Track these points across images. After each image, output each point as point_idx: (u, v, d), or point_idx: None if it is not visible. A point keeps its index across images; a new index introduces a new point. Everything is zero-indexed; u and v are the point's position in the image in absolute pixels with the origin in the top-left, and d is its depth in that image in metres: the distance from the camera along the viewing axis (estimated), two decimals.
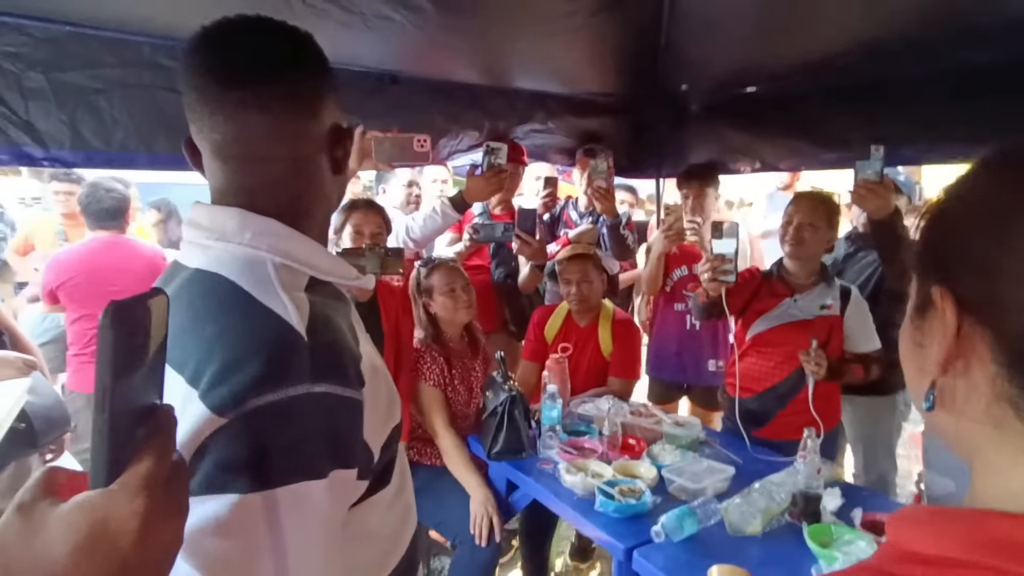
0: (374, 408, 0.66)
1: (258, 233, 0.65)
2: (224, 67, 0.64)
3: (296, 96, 0.67)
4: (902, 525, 0.44)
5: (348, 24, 1.79)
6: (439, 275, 2.22)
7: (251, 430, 0.55)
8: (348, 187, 3.17)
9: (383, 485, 0.72)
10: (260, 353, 0.58)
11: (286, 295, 0.62)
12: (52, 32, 1.67)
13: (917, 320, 0.45)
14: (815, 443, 1.60)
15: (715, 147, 2.91)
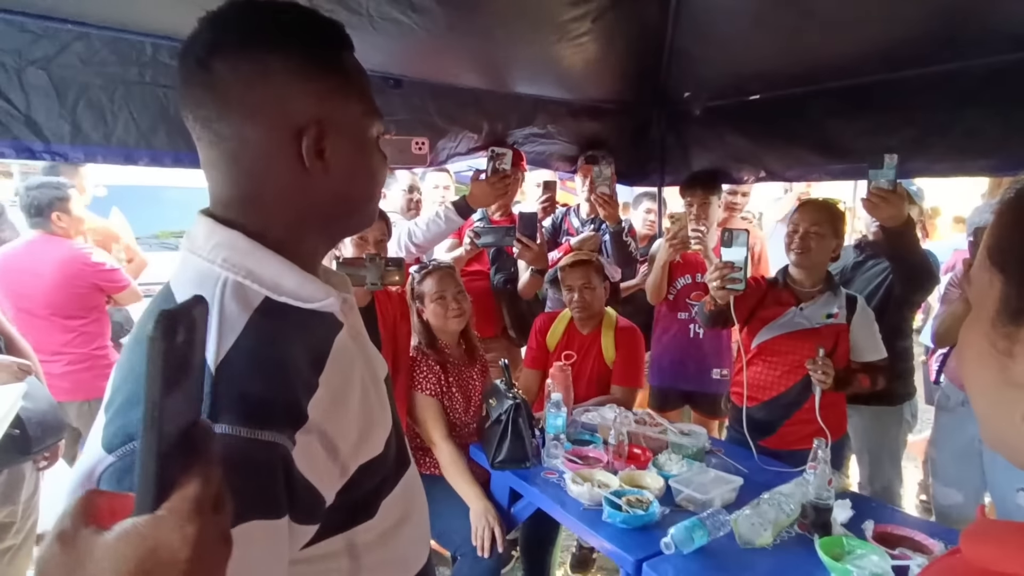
0: (329, 444, 0.60)
1: (217, 246, 0.62)
2: (185, 49, 0.61)
3: (253, 72, 0.60)
4: (983, 543, 0.42)
5: (354, 25, 1.76)
6: (430, 281, 2.18)
7: (132, 472, 0.51)
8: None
9: (360, 520, 0.66)
10: None
11: (217, 320, 0.57)
12: (53, 29, 1.66)
13: (1006, 326, 0.42)
14: (825, 453, 1.58)
15: (718, 155, 2.90)
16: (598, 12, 2.03)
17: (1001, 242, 0.45)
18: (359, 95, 0.66)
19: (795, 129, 2.60)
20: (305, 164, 0.63)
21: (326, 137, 0.63)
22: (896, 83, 2.23)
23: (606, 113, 2.94)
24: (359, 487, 0.64)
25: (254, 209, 0.64)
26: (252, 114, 0.61)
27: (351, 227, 0.74)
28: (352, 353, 0.68)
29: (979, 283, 0.46)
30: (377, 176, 0.71)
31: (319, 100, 0.62)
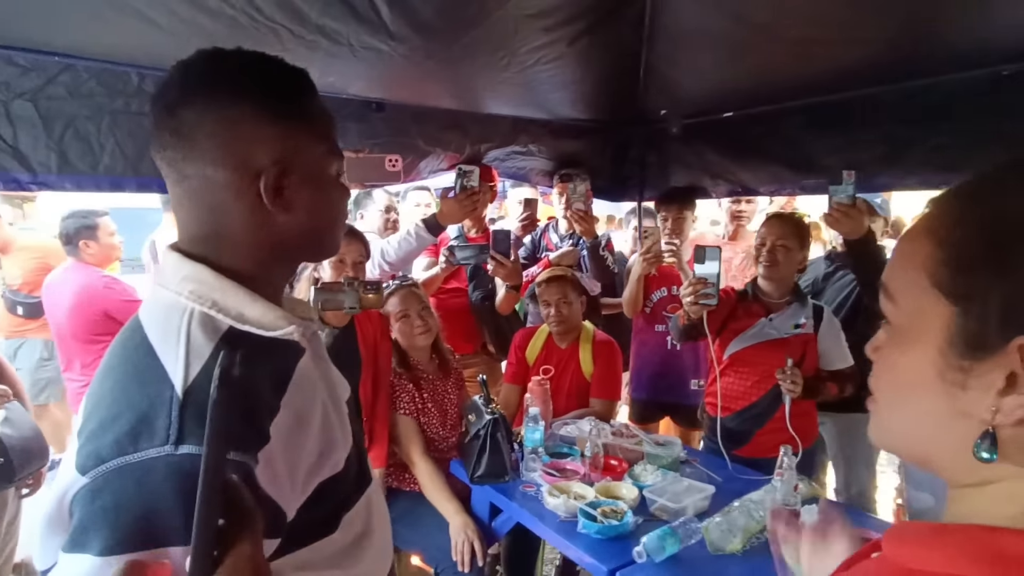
0: (290, 463, 0.64)
1: (185, 279, 0.67)
2: (156, 95, 0.68)
3: (217, 122, 0.65)
4: (903, 543, 0.44)
5: (336, 54, 1.84)
6: (394, 300, 2.23)
7: (107, 490, 0.55)
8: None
9: (322, 535, 0.70)
10: (130, 412, 0.58)
11: (185, 349, 0.62)
12: (40, 62, 1.71)
13: (962, 358, 0.41)
14: (791, 461, 1.64)
15: (695, 171, 2.98)
16: (572, 37, 2.10)
17: (955, 270, 0.42)
18: (319, 137, 0.71)
19: (769, 145, 2.69)
20: (265, 203, 0.68)
21: (286, 177, 0.68)
22: (865, 100, 2.32)
23: (586, 132, 3.02)
24: (320, 503, 0.68)
25: (219, 244, 0.69)
26: (215, 158, 0.66)
27: (314, 257, 0.81)
28: (314, 377, 0.73)
29: (913, 306, 0.45)
30: (336, 210, 0.76)
31: (278, 144, 0.67)
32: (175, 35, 1.61)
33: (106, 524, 0.54)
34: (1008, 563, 0.37)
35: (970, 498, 0.44)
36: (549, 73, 2.27)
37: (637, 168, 3.18)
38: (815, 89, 2.39)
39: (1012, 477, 0.41)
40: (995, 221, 0.40)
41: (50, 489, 0.61)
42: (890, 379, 0.47)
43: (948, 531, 0.42)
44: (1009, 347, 0.38)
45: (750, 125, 2.71)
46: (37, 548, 0.62)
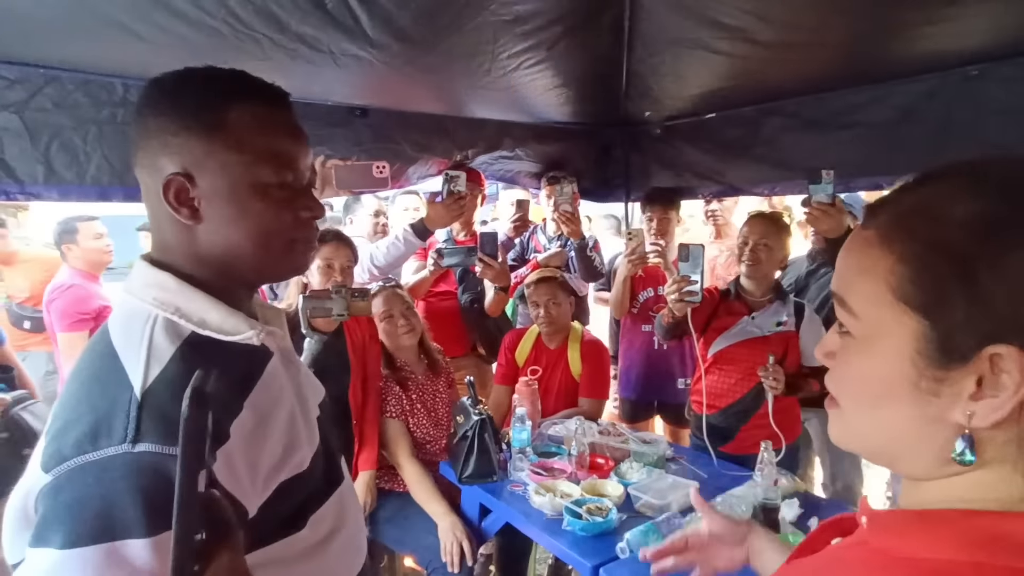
0: (250, 461, 0.66)
1: (148, 285, 0.70)
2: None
3: (142, 135, 0.70)
4: (885, 533, 0.45)
5: (317, 62, 1.86)
6: (377, 302, 2.25)
7: (68, 487, 0.58)
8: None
9: (289, 532, 0.72)
10: (91, 413, 0.61)
11: (146, 352, 0.64)
12: (26, 74, 1.73)
13: (935, 368, 0.42)
14: (771, 456, 1.66)
15: (680, 171, 3.01)
16: (551, 42, 2.13)
17: (921, 285, 0.42)
18: (239, 144, 0.70)
19: (750, 145, 2.72)
20: (188, 217, 0.70)
21: (194, 187, 0.69)
22: (840, 101, 2.36)
23: (570, 134, 3.05)
24: (284, 501, 0.70)
25: (172, 253, 0.73)
26: (143, 169, 0.71)
27: (260, 275, 0.78)
28: (282, 380, 0.75)
29: (876, 318, 0.45)
30: (264, 222, 0.72)
31: (183, 153, 0.69)
32: (157, 46, 1.64)
33: (68, 519, 0.56)
34: (990, 542, 0.39)
35: (923, 488, 0.46)
36: (531, 78, 2.30)
37: (622, 169, 3.21)
38: (793, 90, 2.43)
39: (979, 469, 0.42)
40: (950, 234, 0.41)
41: (17, 487, 0.63)
42: (858, 388, 0.48)
43: (929, 517, 0.43)
44: (981, 355, 0.39)
45: (731, 126, 2.75)
46: (6, 543, 0.64)
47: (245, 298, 0.78)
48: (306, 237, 0.77)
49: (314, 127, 2.29)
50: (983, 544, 0.39)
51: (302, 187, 0.76)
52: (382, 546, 2.19)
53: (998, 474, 0.42)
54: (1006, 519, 0.40)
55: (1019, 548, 0.38)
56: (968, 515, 0.41)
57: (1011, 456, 0.41)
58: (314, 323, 1.88)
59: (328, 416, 0.86)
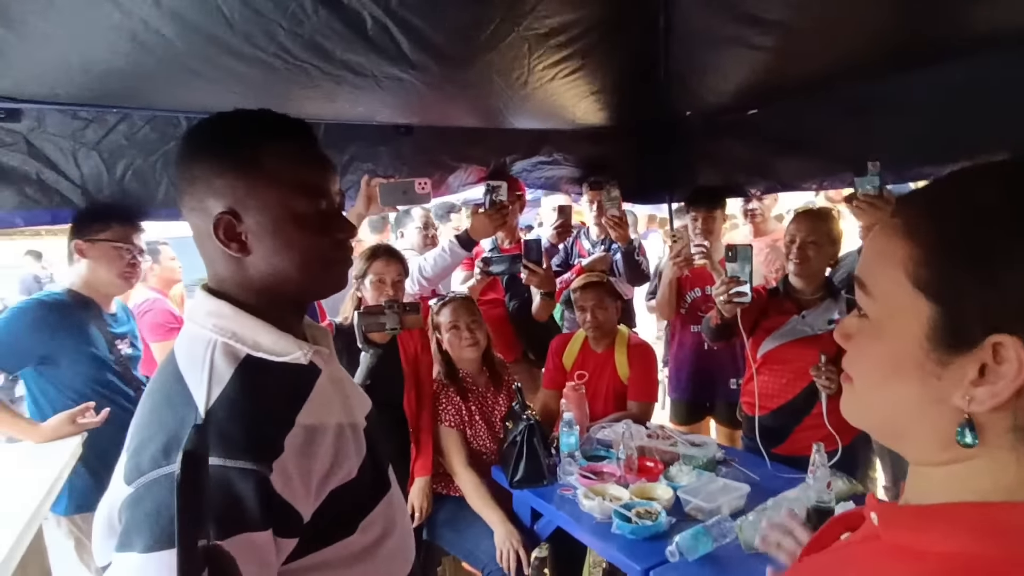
0: (303, 471, 0.72)
1: (208, 313, 0.78)
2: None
3: (187, 181, 0.77)
4: (901, 529, 0.47)
5: (361, 86, 1.95)
6: (446, 311, 2.31)
7: (148, 497, 0.65)
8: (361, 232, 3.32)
9: (342, 536, 0.78)
10: (163, 431, 0.69)
11: (208, 375, 0.72)
12: (100, 114, 1.89)
13: (941, 351, 0.44)
14: (823, 458, 1.63)
15: (725, 169, 2.97)
16: (586, 50, 2.15)
17: (935, 271, 0.44)
18: (275, 180, 0.76)
19: (795, 139, 2.66)
20: (236, 251, 0.76)
21: (241, 224, 0.76)
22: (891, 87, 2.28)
23: (609, 137, 3.04)
24: (336, 507, 0.77)
25: (225, 283, 0.80)
26: (191, 209, 0.78)
27: (305, 295, 0.86)
28: (329, 395, 0.82)
29: (891, 302, 0.47)
30: (305, 247, 0.78)
31: (227, 194, 0.76)
32: (215, 82, 1.77)
33: (147, 526, 0.63)
34: (1001, 533, 0.41)
35: (934, 476, 0.47)
36: (568, 86, 2.33)
37: (663, 170, 3.19)
38: (837, 79, 2.35)
39: (980, 456, 0.44)
40: (970, 226, 0.43)
41: (103, 499, 0.72)
42: (869, 366, 0.50)
43: (940, 510, 0.45)
44: (985, 343, 0.41)
45: (775, 120, 2.69)
46: (95, 548, 0.73)
47: (295, 320, 0.85)
48: (343, 257, 0.85)
49: (361, 147, 2.39)
50: (998, 535, 0.40)
51: (334, 211, 0.83)
52: (439, 549, 2.26)
53: (999, 462, 0.43)
54: (1017, 509, 0.41)
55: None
56: (979, 507, 0.43)
57: (1009, 443, 0.43)
58: (370, 337, 1.97)
59: (375, 427, 0.92)
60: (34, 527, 1.77)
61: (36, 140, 1.81)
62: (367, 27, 1.64)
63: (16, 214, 1.82)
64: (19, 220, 1.84)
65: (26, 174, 1.81)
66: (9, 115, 1.74)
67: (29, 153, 1.80)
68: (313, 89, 1.90)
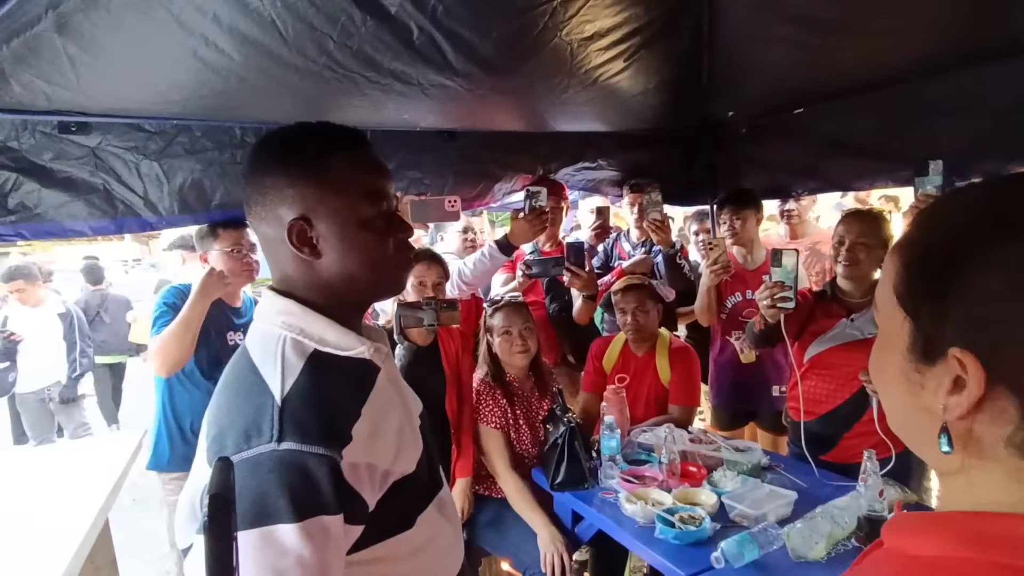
0: (369, 460, 0.76)
1: (278, 312, 0.83)
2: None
3: (257, 192, 0.82)
4: (901, 533, 0.49)
5: (407, 94, 2.00)
6: (500, 315, 2.32)
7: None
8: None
9: (401, 530, 0.81)
10: (242, 418, 0.73)
11: (281, 367, 0.76)
12: (162, 127, 1.99)
13: (918, 362, 0.46)
14: (875, 465, 1.59)
15: (771, 170, 2.92)
16: (630, 53, 2.15)
17: (908, 288, 0.47)
18: (343, 188, 0.81)
19: (846, 139, 2.59)
20: (309, 255, 0.81)
21: (312, 229, 0.81)
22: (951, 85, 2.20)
23: (652, 140, 3.03)
24: (397, 499, 0.80)
25: (292, 285, 0.85)
26: (263, 219, 0.83)
27: (370, 295, 0.91)
28: (389, 391, 0.86)
29: (888, 315, 0.50)
30: (369, 250, 0.83)
31: (298, 202, 0.80)
32: (269, 93, 1.84)
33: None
34: (986, 542, 0.42)
35: (948, 486, 0.49)
36: (610, 90, 2.33)
37: (707, 172, 3.15)
38: (890, 78, 2.29)
39: (972, 468, 0.45)
40: (935, 243, 0.46)
41: (186, 484, 0.77)
42: (876, 376, 0.53)
43: (938, 519, 0.47)
44: (948, 356, 0.43)
45: (823, 120, 2.63)
46: (178, 531, 0.78)
47: (356, 320, 0.89)
48: (406, 257, 0.89)
49: (406, 153, 2.44)
50: (983, 543, 0.42)
51: (393, 213, 0.88)
52: (479, 549, 2.29)
53: (992, 474, 0.44)
54: (1005, 520, 0.43)
55: (1003, 542, 0.41)
56: (971, 516, 0.44)
57: (1002, 456, 0.44)
58: (409, 335, 2.01)
59: (427, 427, 0.96)
60: (101, 521, 1.87)
61: (102, 153, 1.91)
62: (414, 37, 1.68)
63: (86, 224, 1.92)
64: (88, 230, 1.94)
65: (94, 186, 1.91)
66: (80, 128, 1.85)
67: (96, 166, 1.91)
68: (361, 98, 1.95)
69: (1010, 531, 0.42)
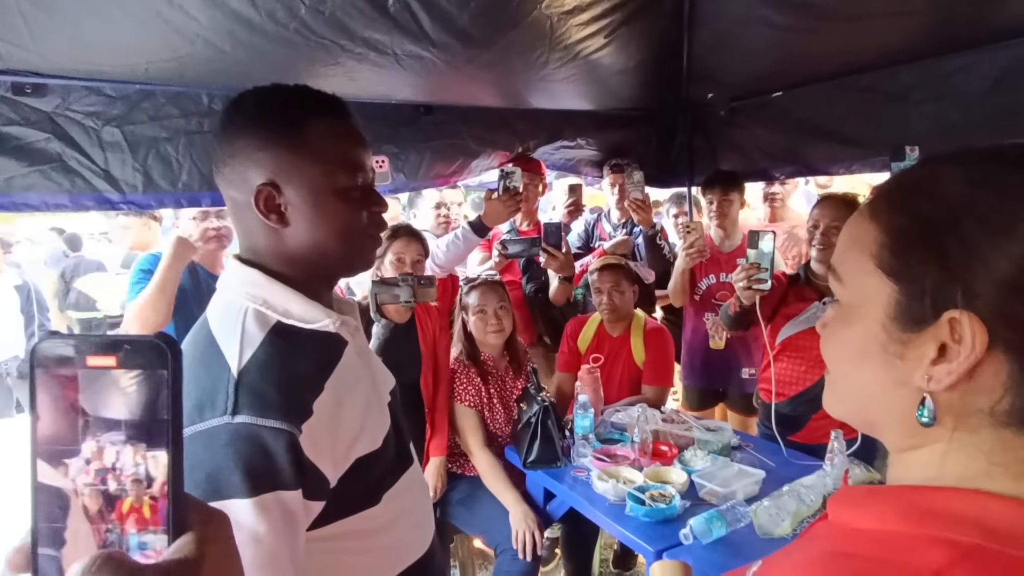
0: (331, 436, 0.74)
1: (241, 282, 0.80)
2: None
3: (227, 153, 0.78)
4: (843, 507, 0.49)
5: (382, 64, 1.94)
6: (475, 294, 2.30)
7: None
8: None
9: (366, 506, 0.80)
10: (197, 389, 0.70)
11: (240, 338, 0.74)
12: (124, 91, 1.89)
13: (901, 331, 0.45)
14: (841, 445, 1.62)
15: (749, 153, 2.93)
16: (610, 29, 2.12)
17: (895, 252, 0.46)
18: (318, 155, 0.78)
19: (824, 123, 2.61)
20: (276, 222, 0.78)
21: (281, 196, 0.77)
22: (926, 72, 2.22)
23: (632, 120, 3.02)
24: (361, 475, 0.78)
25: (259, 253, 0.81)
26: (231, 182, 0.79)
27: (338, 268, 0.86)
28: (357, 366, 0.84)
29: (859, 286, 0.48)
30: (341, 222, 0.80)
31: (269, 166, 0.77)
32: (237, 59, 1.76)
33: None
34: (924, 516, 0.42)
35: (903, 462, 0.48)
36: (589, 66, 2.30)
37: (685, 154, 3.15)
38: (868, 63, 2.30)
39: (936, 442, 0.45)
40: (928, 208, 0.45)
41: None
42: (839, 352, 0.52)
43: (880, 492, 0.47)
44: (940, 321, 0.42)
45: (802, 104, 2.65)
46: None
47: (324, 292, 0.86)
48: (377, 231, 0.86)
49: (381, 126, 2.38)
50: (920, 517, 0.42)
51: (369, 185, 0.84)
52: (452, 527, 2.29)
53: (959, 447, 0.44)
54: (941, 493, 0.43)
55: (949, 518, 0.41)
56: (909, 490, 0.45)
57: (971, 428, 0.43)
58: (386, 312, 1.97)
59: (398, 404, 0.94)
60: None
61: (60, 118, 1.80)
62: (388, 4, 1.63)
63: (41, 199, 1.80)
64: (43, 205, 1.82)
65: (50, 155, 1.79)
66: (35, 90, 1.74)
67: (54, 132, 1.80)
68: (334, 66, 1.89)
69: (947, 505, 0.42)
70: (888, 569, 0.41)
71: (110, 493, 0.37)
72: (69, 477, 0.36)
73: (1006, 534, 0.39)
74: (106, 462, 0.37)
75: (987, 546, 0.39)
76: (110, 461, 0.37)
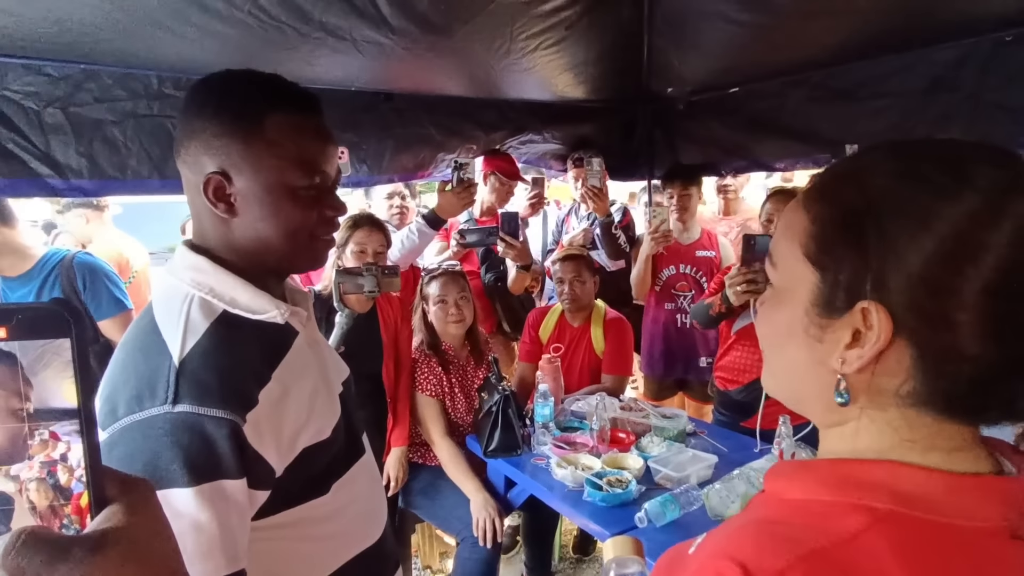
0: (276, 426, 0.73)
1: (187, 268, 0.78)
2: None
3: (186, 135, 0.77)
4: (776, 480, 0.52)
5: (341, 50, 1.91)
6: (436, 284, 2.30)
7: (121, 443, 0.66)
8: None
9: (314, 495, 0.79)
10: (136, 378, 0.69)
11: (183, 327, 0.72)
12: (67, 71, 1.81)
13: (820, 316, 0.48)
14: (788, 430, 1.68)
15: (705, 147, 2.99)
16: (570, 21, 2.13)
17: (819, 243, 0.48)
18: (276, 151, 0.76)
19: (775, 120, 2.68)
20: (224, 212, 0.76)
21: (231, 185, 0.76)
22: (870, 71, 2.30)
23: (593, 112, 3.04)
24: (309, 465, 0.78)
25: (209, 240, 0.80)
26: (184, 165, 0.78)
27: (285, 266, 0.84)
28: (306, 356, 0.83)
29: (789, 271, 0.50)
30: (291, 221, 0.78)
31: (222, 154, 0.75)
32: (187, 38, 1.71)
33: (124, 469, 0.63)
34: (843, 485, 0.46)
35: (828, 437, 0.52)
36: (550, 57, 2.31)
37: (646, 146, 3.20)
38: (818, 61, 2.38)
39: (853, 419, 0.49)
40: (850, 200, 0.47)
41: None
42: (769, 331, 0.54)
43: (806, 465, 0.50)
44: (854, 309, 0.45)
45: (756, 100, 2.72)
46: None
47: (274, 282, 0.84)
48: (328, 234, 0.84)
49: (341, 112, 2.34)
50: (843, 486, 0.46)
51: (327, 187, 0.82)
52: (413, 516, 2.29)
53: (875, 423, 0.48)
54: (857, 465, 0.46)
55: (866, 486, 0.45)
56: (830, 463, 0.48)
57: (882, 406, 0.47)
58: (346, 300, 1.94)
59: (351, 394, 0.93)
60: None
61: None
62: None
63: None
64: None
65: None
66: None
67: None
68: (290, 51, 1.85)
69: (863, 475, 0.45)
70: (812, 534, 0.43)
71: (59, 486, 0.35)
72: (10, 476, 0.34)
73: (916, 499, 0.43)
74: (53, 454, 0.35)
75: (900, 511, 0.43)
76: (52, 452, 0.35)
